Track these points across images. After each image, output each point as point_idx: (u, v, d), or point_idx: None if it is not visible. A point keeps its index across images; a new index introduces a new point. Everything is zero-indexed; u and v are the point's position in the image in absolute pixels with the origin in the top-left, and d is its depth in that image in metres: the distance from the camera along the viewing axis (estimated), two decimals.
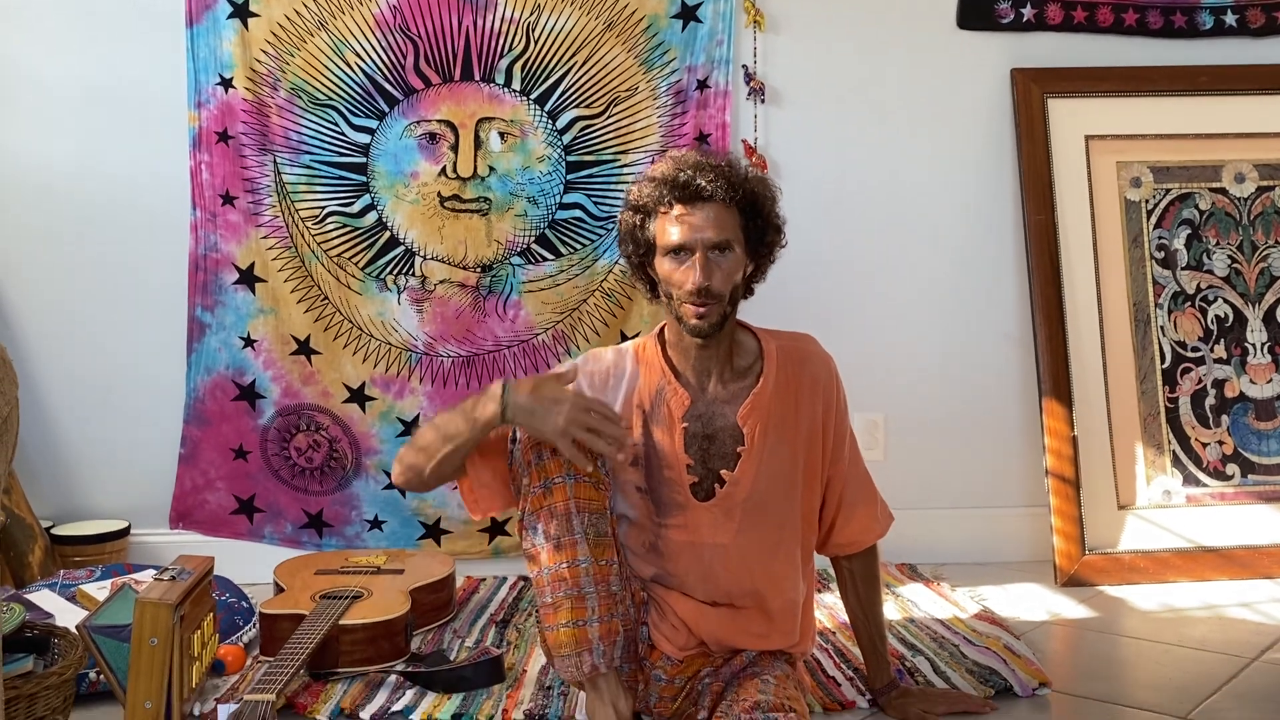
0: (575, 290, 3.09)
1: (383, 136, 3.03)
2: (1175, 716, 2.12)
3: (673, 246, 1.91)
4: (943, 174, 3.17)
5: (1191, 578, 2.97)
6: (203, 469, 3.07)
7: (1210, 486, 3.08)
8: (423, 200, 3.04)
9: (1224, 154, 3.19)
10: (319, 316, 3.05)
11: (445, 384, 3.07)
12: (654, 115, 3.06)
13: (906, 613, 2.71)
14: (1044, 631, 2.63)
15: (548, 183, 3.06)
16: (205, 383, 3.05)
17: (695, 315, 1.91)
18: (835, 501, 2.08)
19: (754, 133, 3.10)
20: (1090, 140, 3.16)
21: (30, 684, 1.87)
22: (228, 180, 3.01)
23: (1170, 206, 3.17)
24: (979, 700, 2.15)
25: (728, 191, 1.90)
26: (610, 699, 1.88)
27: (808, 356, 2.04)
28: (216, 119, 3.00)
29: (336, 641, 2.32)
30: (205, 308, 3.03)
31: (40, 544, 2.86)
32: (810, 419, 2.01)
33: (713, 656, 2.00)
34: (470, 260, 3.06)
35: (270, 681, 2.02)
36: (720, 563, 1.98)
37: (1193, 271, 3.15)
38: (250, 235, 3.02)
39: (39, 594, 2.51)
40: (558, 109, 3.05)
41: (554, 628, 1.86)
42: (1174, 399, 3.10)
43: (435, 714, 2.16)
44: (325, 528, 3.10)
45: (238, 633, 2.51)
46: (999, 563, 3.14)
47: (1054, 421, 3.03)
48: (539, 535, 1.87)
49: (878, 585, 2.17)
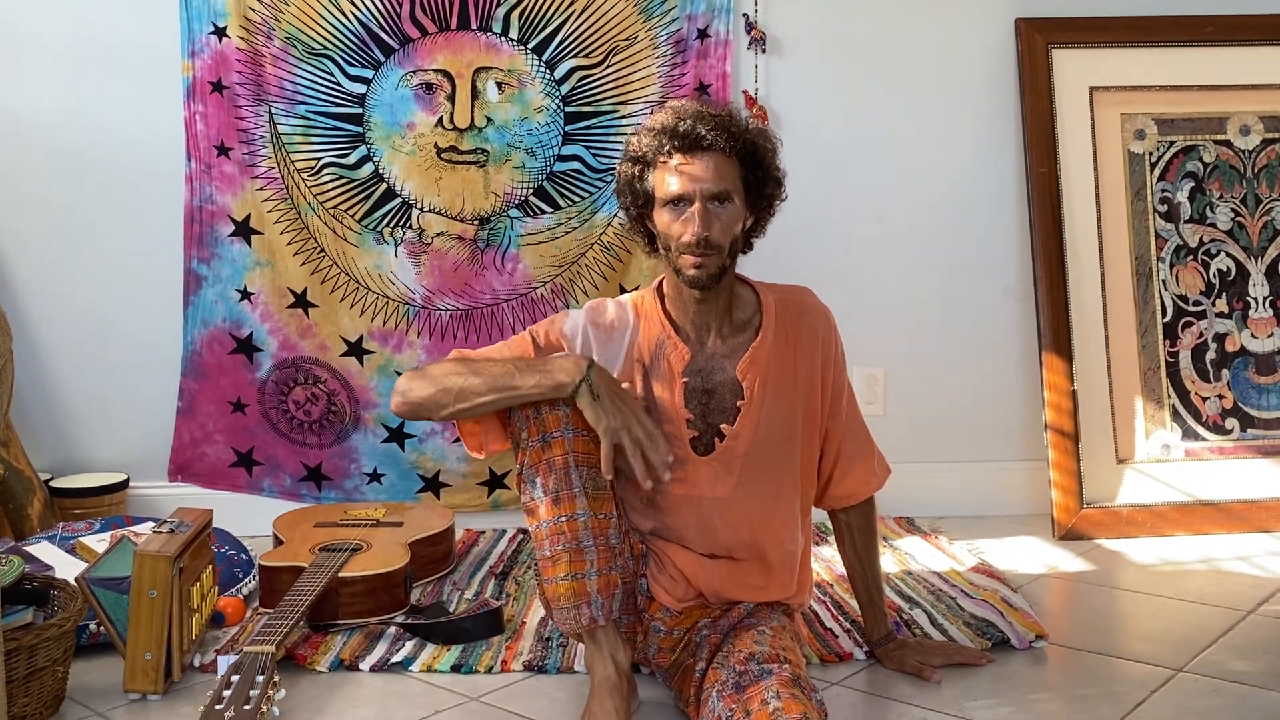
0: (574, 243, 3.07)
1: (378, 87, 2.99)
2: (1171, 669, 2.13)
3: (672, 197, 1.89)
4: (945, 125, 3.14)
5: (1189, 531, 2.98)
6: (201, 422, 3.07)
7: (1209, 441, 3.08)
8: (419, 152, 3.01)
9: (1229, 106, 3.16)
10: (316, 269, 3.03)
11: (443, 338, 3.06)
12: (653, 65, 3.02)
13: (904, 566, 2.72)
14: (1041, 584, 2.64)
15: (546, 134, 3.03)
16: (202, 335, 3.04)
17: (693, 266, 1.89)
18: (833, 454, 2.08)
19: (755, 83, 3.06)
20: (1094, 91, 3.12)
21: (30, 635, 1.88)
22: (223, 131, 2.98)
23: (1174, 159, 3.14)
24: (975, 652, 2.16)
25: (728, 141, 1.88)
26: (609, 650, 1.88)
27: (806, 309, 2.03)
28: (210, 69, 2.96)
29: (336, 594, 2.33)
30: (201, 260, 3.02)
31: (39, 496, 2.86)
32: (809, 372, 2.01)
33: (710, 608, 2.01)
34: (468, 213, 3.04)
35: (270, 633, 2.03)
36: (719, 516, 1.98)
37: (1195, 225, 3.13)
38: (246, 187, 3.00)
39: (38, 546, 2.52)
40: (556, 58, 3.01)
41: (552, 580, 1.86)
42: (1174, 353, 3.10)
43: (435, 665, 2.17)
44: (324, 481, 3.10)
45: (237, 585, 2.52)
46: (997, 516, 3.15)
47: (1053, 375, 3.03)
48: (538, 489, 1.87)
49: (875, 538, 2.17)
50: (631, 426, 1.82)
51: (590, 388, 1.83)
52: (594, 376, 1.84)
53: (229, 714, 1.80)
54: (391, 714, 1.98)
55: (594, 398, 1.82)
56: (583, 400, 1.82)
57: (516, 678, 2.14)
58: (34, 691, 1.91)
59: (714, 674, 1.81)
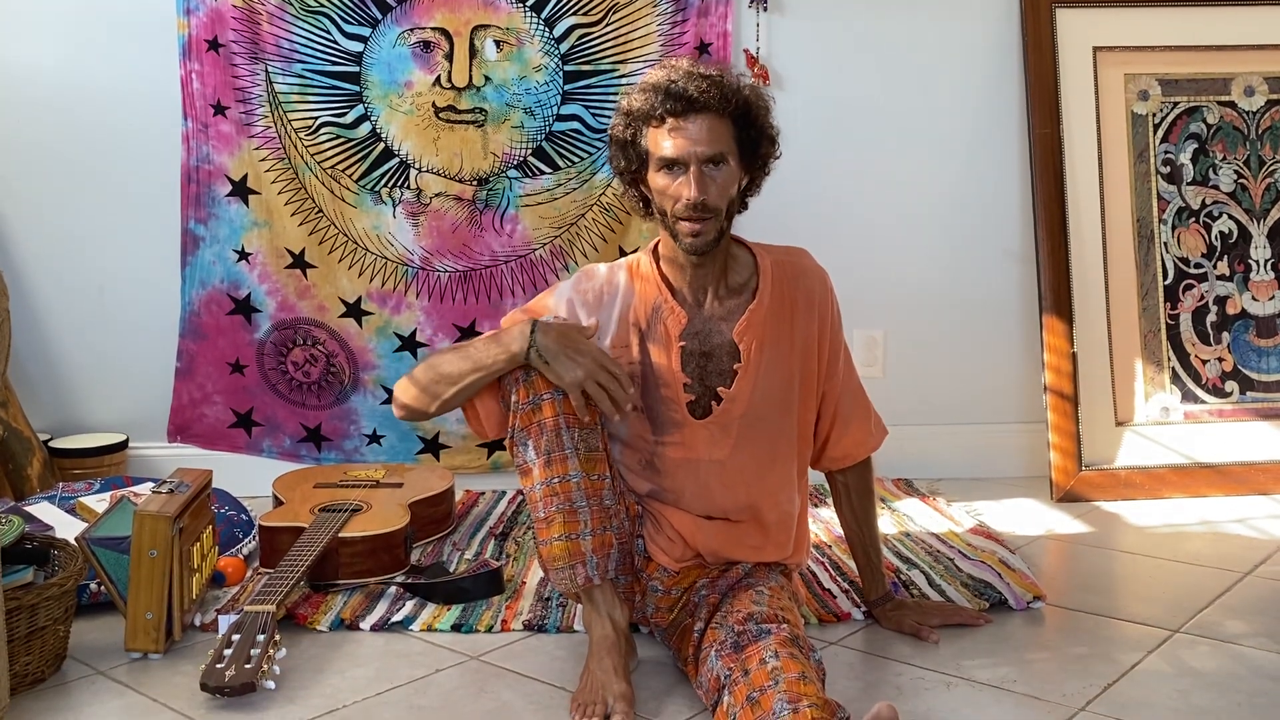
0: (573, 204, 3.05)
1: (376, 45, 2.97)
2: (1167, 629, 2.14)
3: (666, 160, 1.88)
4: (947, 85, 3.12)
5: (1187, 493, 2.99)
6: (200, 383, 3.06)
7: (1209, 403, 3.08)
8: (417, 111, 2.99)
9: (1234, 66, 3.13)
10: (314, 230, 3.02)
11: (442, 299, 3.05)
12: (653, 23, 2.99)
13: (903, 527, 2.72)
14: (1039, 546, 2.65)
15: (545, 93, 3.01)
16: (200, 296, 3.03)
17: (691, 232, 1.88)
18: (830, 416, 2.08)
19: (756, 42, 3.04)
20: (1098, 51, 3.10)
21: (30, 595, 1.88)
22: (219, 90, 2.96)
23: (1178, 120, 3.12)
24: (972, 612, 2.17)
25: (720, 102, 1.86)
26: (606, 610, 1.89)
27: (803, 271, 2.02)
28: (206, 26, 2.93)
29: (336, 554, 2.33)
30: (198, 220, 3.00)
31: (39, 457, 2.86)
32: (806, 334, 2.00)
33: (708, 568, 2.01)
34: (466, 173, 3.02)
35: (271, 593, 2.04)
36: (716, 478, 1.98)
37: (1198, 187, 3.11)
38: (243, 146, 2.98)
39: (38, 506, 2.52)
40: (555, 16, 2.98)
41: (547, 541, 1.87)
42: (1175, 315, 3.09)
43: (435, 625, 2.18)
44: (324, 442, 3.10)
45: (237, 545, 2.52)
46: (996, 478, 3.16)
47: (1054, 338, 3.02)
48: (529, 450, 1.87)
49: (872, 499, 2.17)
50: (595, 374, 1.83)
51: (538, 352, 1.84)
52: (539, 340, 1.84)
53: (230, 672, 1.82)
54: (392, 673, 1.99)
55: (545, 361, 1.84)
56: (539, 361, 1.84)
57: (516, 637, 2.15)
58: (35, 650, 1.92)
59: (712, 633, 1.81)
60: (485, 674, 2.00)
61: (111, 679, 1.98)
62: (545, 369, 1.85)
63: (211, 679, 1.81)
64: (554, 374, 1.84)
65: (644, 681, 1.93)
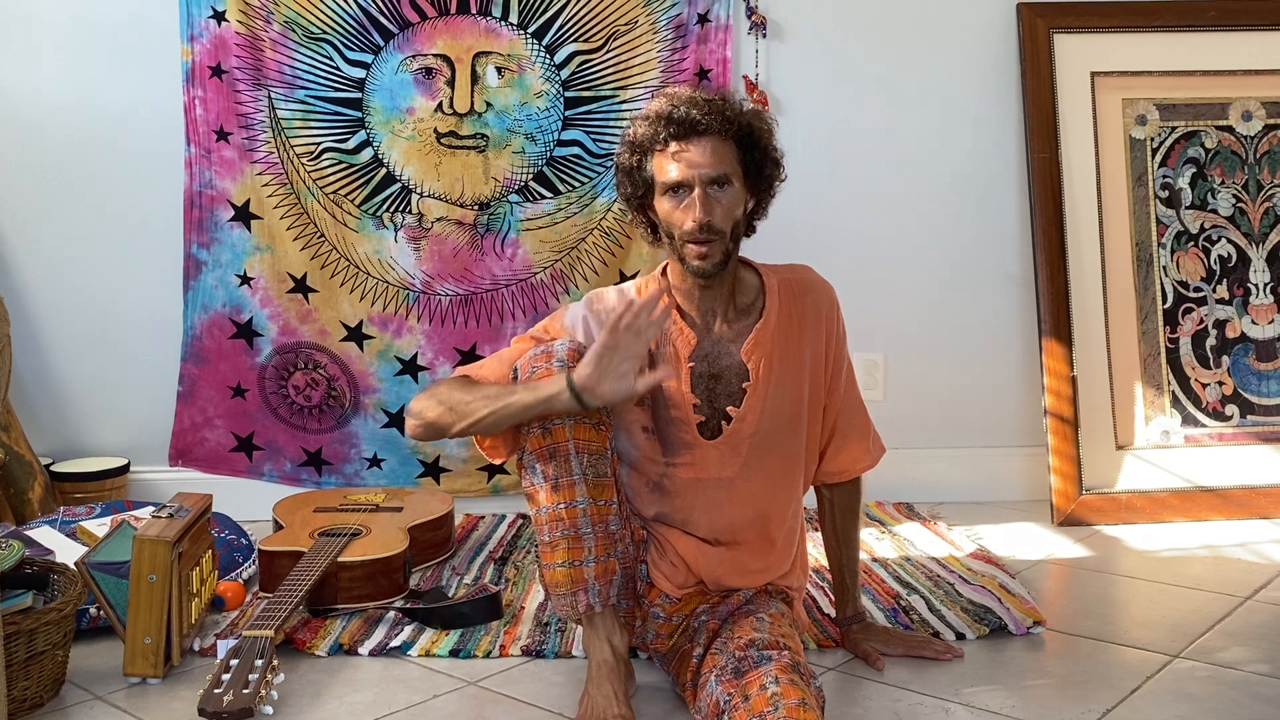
0: (574, 229, 3.06)
1: (378, 71, 2.99)
2: (1167, 654, 2.14)
3: (671, 184, 1.89)
4: (946, 110, 3.13)
5: (1188, 518, 2.98)
6: (201, 407, 3.07)
7: (1209, 427, 3.08)
8: (419, 136, 3.00)
9: (1231, 91, 3.15)
10: (315, 254, 3.03)
11: (443, 323, 3.06)
12: (654, 50, 3.02)
13: (903, 551, 2.72)
14: (1040, 570, 2.64)
15: (545, 119, 3.03)
16: (202, 320, 3.04)
17: (698, 255, 1.89)
18: (829, 429, 2.08)
19: (755, 68, 3.06)
20: (1096, 77, 3.12)
21: (30, 619, 1.89)
22: (222, 116, 2.98)
23: (1176, 144, 3.13)
24: (941, 645, 2.14)
25: (723, 124, 1.88)
26: (606, 635, 1.89)
27: (809, 287, 2.03)
28: (210, 53, 2.96)
29: (335, 578, 2.33)
30: (201, 245, 3.02)
31: (40, 481, 2.87)
32: (814, 348, 2.01)
33: (710, 595, 2.01)
34: (467, 198, 3.03)
35: (269, 617, 2.04)
36: (725, 495, 1.98)
37: (1197, 211, 3.12)
38: (245, 171, 3.00)
39: (39, 530, 2.53)
40: (556, 43, 3.01)
41: (551, 566, 1.87)
42: (1174, 339, 3.09)
43: (433, 649, 2.18)
44: (324, 465, 3.11)
45: (237, 569, 2.52)
46: (996, 502, 3.16)
47: (1054, 361, 3.03)
48: (538, 475, 1.87)
49: (857, 518, 2.17)
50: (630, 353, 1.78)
51: (577, 396, 1.78)
52: (574, 382, 1.78)
53: (228, 697, 1.81)
54: (390, 698, 1.99)
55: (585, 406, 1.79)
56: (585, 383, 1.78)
57: (514, 662, 2.15)
58: (34, 675, 1.92)
59: (712, 659, 1.81)
60: (483, 699, 1.99)
61: (110, 704, 1.98)
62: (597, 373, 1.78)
63: (209, 704, 1.81)
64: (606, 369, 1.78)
65: (643, 707, 1.93)
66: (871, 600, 2.36)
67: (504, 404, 1.83)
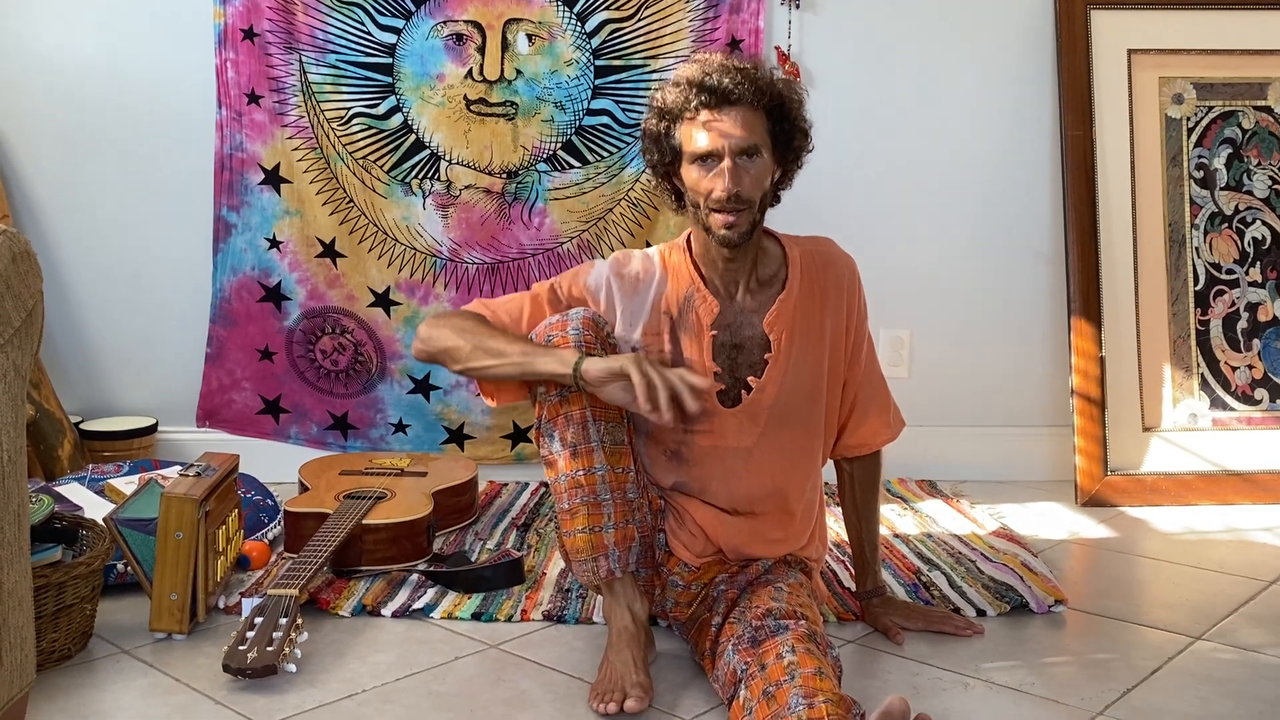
0: (601, 199, 3.06)
1: (409, 37, 2.98)
2: (1189, 636, 2.13)
3: (700, 153, 1.88)
4: (980, 85, 3.10)
5: (1214, 501, 2.96)
6: (229, 369, 3.09)
7: (1238, 410, 3.05)
8: (449, 103, 3.00)
9: (1270, 71, 3.10)
10: (344, 219, 3.04)
11: (470, 290, 3.06)
12: (685, 19, 3.00)
13: (925, 528, 2.72)
14: (1062, 550, 2.64)
15: (575, 87, 3.02)
16: (231, 283, 3.06)
17: (724, 225, 1.88)
18: (849, 403, 2.08)
19: (788, 39, 3.03)
20: (1133, 54, 3.08)
21: (59, 573, 1.91)
22: (253, 79, 2.98)
23: (1212, 125, 3.09)
24: (961, 621, 2.14)
25: (754, 94, 1.86)
26: (626, 602, 1.90)
27: (831, 260, 2.02)
28: (242, 16, 2.96)
29: (360, 540, 2.35)
30: (231, 208, 3.03)
31: (69, 439, 2.90)
32: (835, 321, 2.01)
33: (729, 564, 2.02)
34: (496, 166, 3.03)
35: (294, 577, 2.06)
36: (744, 465, 1.98)
37: (1232, 192, 3.09)
38: (276, 135, 3.00)
39: (68, 487, 2.56)
40: (587, 11, 2.99)
41: (571, 533, 1.88)
42: (1205, 321, 3.06)
43: (456, 613, 2.20)
44: (350, 430, 3.13)
45: (263, 530, 2.55)
46: (1020, 481, 3.15)
47: (1082, 341, 3.01)
48: (556, 442, 1.88)
49: (877, 492, 2.17)
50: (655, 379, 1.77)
51: (577, 382, 1.81)
52: (581, 370, 1.81)
53: (252, 655, 1.84)
54: (412, 659, 2.01)
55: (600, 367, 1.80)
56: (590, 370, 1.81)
57: (536, 627, 2.16)
58: (62, 627, 1.95)
59: (730, 628, 1.82)
60: (504, 662, 2.01)
61: (136, 658, 2.01)
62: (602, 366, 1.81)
63: (234, 660, 1.83)
64: (608, 397, 1.82)
65: (662, 675, 1.94)
66: (892, 576, 2.36)
67: (508, 361, 1.87)
